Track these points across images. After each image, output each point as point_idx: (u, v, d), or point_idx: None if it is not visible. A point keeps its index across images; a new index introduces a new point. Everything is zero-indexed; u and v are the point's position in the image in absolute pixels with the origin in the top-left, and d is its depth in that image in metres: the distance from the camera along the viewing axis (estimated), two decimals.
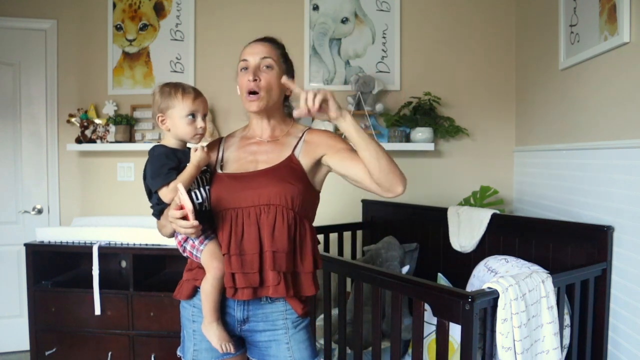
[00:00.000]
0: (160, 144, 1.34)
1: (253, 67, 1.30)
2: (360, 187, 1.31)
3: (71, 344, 2.53)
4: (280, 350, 1.31)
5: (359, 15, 2.94)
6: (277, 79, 1.31)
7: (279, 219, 1.24)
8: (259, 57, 1.30)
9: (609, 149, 1.84)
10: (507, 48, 2.90)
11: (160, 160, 1.27)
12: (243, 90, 1.31)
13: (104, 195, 3.04)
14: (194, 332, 1.36)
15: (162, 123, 1.34)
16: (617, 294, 1.75)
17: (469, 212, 2.29)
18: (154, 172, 1.27)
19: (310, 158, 1.32)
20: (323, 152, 1.32)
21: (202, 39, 3.01)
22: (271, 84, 1.30)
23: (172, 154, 1.30)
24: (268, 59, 1.31)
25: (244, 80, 1.30)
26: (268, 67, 1.31)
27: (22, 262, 2.75)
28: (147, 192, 1.34)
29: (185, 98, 1.30)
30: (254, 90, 1.28)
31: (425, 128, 2.77)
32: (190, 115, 1.30)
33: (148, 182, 1.30)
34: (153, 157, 1.30)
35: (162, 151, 1.30)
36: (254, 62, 1.30)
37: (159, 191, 1.27)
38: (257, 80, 1.29)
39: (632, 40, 1.71)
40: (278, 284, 1.24)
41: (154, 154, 1.30)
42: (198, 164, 1.26)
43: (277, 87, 1.32)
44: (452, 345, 1.66)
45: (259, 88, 1.29)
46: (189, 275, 1.37)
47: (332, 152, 1.31)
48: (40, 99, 3.00)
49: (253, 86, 1.28)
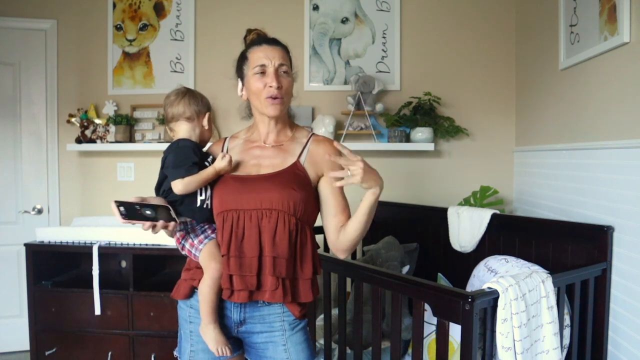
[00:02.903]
0: (186, 139, 1.36)
1: (273, 72, 1.30)
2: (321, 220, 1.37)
3: (71, 344, 2.53)
4: (277, 352, 1.31)
5: (359, 15, 2.94)
6: (292, 85, 1.35)
7: (280, 225, 1.24)
8: (277, 63, 1.30)
9: (609, 149, 1.84)
10: (507, 48, 2.90)
11: (187, 152, 1.30)
12: (262, 94, 1.30)
13: (104, 195, 3.04)
14: (191, 333, 1.36)
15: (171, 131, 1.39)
16: (617, 294, 1.75)
17: (469, 212, 2.29)
18: (178, 161, 1.29)
19: (314, 172, 1.33)
20: (324, 171, 1.34)
21: (202, 39, 3.01)
22: (289, 89, 1.34)
23: (198, 149, 1.33)
24: (285, 66, 1.32)
25: (262, 85, 1.30)
26: (285, 72, 1.32)
27: (22, 262, 2.75)
28: (160, 181, 1.35)
29: None
30: (278, 96, 1.29)
31: (425, 128, 2.77)
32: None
33: (168, 170, 1.30)
34: (179, 148, 1.32)
35: (190, 144, 1.33)
36: (272, 68, 1.30)
37: (174, 181, 1.28)
38: (281, 87, 1.30)
39: (632, 40, 1.71)
40: (276, 289, 1.24)
41: (180, 145, 1.33)
42: (220, 170, 1.30)
43: (291, 92, 1.36)
44: (452, 345, 1.66)
45: (282, 94, 1.30)
46: (186, 275, 1.37)
47: (328, 177, 1.33)
48: (40, 99, 3.00)
49: (277, 93, 1.29)
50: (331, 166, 1.32)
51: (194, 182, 1.27)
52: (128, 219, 1.17)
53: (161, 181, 1.34)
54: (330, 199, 1.34)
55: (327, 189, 1.34)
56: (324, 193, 1.34)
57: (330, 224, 1.34)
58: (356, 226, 1.27)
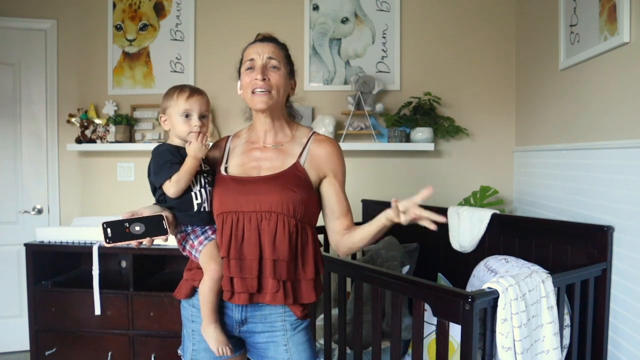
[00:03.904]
0: (164, 143, 1.35)
1: (260, 66, 1.28)
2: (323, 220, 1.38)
3: (71, 344, 2.53)
4: (278, 352, 1.31)
5: (359, 15, 2.94)
6: (283, 79, 1.31)
7: (280, 227, 1.24)
8: (266, 57, 1.29)
9: (609, 149, 1.84)
10: (507, 48, 2.90)
11: (164, 156, 1.29)
12: (248, 88, 1.29)
13: (104, 195, 3.04)
14: (193, 332, 1.36)
15: (164, 123, 1.36)
16: (617, 294, 1.75)
17: (469, 212, 2.29)
18: (157, 168, 1.29)
19: (315, 173, 1.32)
20: (325, 173, 1.33)
21: (202, 39, 3.01)
22: (279, 83, 1.30)
23: (176, 151, 1.31)
24: (274, 60, 1.30)
25: (249, 79, 1.29)
26: (274, 67, 1.30)
27: (22, 262, 2.75)
28: (152, 189, 1.35)
29: (180, 97, 1.32)
30: (263, 88, 1.27)
31: (425, 128, 2.77)
32: (184, 115, 1.31)
33: (152, 178, 1.31)
34: (157, 155, 1.31)
35: (166, 148, 1.32)
36: (260, 62, 1.29)
37: (162, 186, 1.27)
38: (266, 79, 1.27)
39: (632, 40, 1.71)
40: (276, 292, 1.24)
41: (158, 151, 1.31)
42: (195, 155, 1.27)
43: (283, 87, 1.31)
44: (452, 345, 1.66)
45: (270, 87, 1.27)
46: (188, 275, 1.38)
47: (330, 179, 1.34)
48: (40, 99, 3.00)
49: (262, 85, 1.27)
50: (333, 168, 1.32)
51: (181, 177, 1.26)
52: (113, 242, 1.15)
53: (154, 190, 1.34)
54: (333, 202, 1.34)
55: (330, 191, 1.33)
56: (326, 195, 1.34)
57: (334, 226, 1.34)
58: (365, 236, 1.27)
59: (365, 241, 1.28)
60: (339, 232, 1.34)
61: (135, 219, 1.19)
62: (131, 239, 1.17)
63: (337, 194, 1.34)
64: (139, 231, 1.18)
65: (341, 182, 1.36)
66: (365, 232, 1.27)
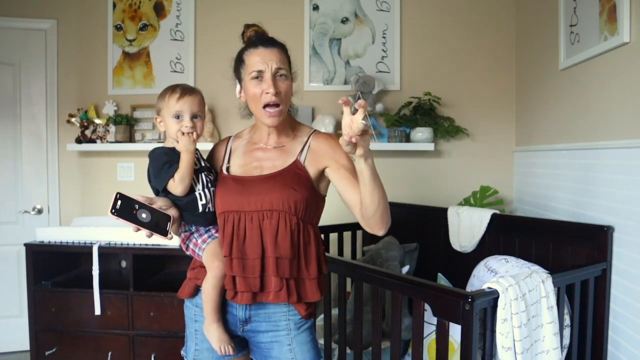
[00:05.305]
0: (158, 147, 1.35)
1: (271, 78, 1.25)
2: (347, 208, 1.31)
3: (71, 344, 2.53)
4: (282, 352, 1.31)
5: (359, 15, 2.94)
6: (290, 87, 1.30)
7: (281, 225, 1.23)
8: (275, 67, 1.26)
9: (609, 149, 1.84)
10: (507, 48, 2.90)
11: (160, 159, 1.29)
12: (259, 102, 1.26)
13: (104, 195, 3.04)
14: (196, 332, 1.37)
15: (160, 124, 1.35)
16: (617, 294, 1.75)
17: (469, 212, 2.29)
18: (156, 171, 1.29)
19: (315, 167, 1.30)
20: (326, 164, 1.30)
21: (202, 39, 3.01)
22: (288, 93, 1.29)
23: (172, 152, 1.30)
24: (282, 69, 1.27)
25: (259, 91, 1.25)
26: (283, 76, 1.28)
27: (22, 262, 2.76)
28: (155, 194, 1.34)
29: (171, 99, 1.30)
30: (276, 102, 1.24)
31: (425, 128, 2.77)
32: (176, 116, 1.30)
33: (153, 182, 1.31)
34: (153, 159, 1.31)
35: (161, 151, 1.31)
36: (269, 73, 1.25)
37: (167, 187, 1.27)
38: (279, 92, 1.25)
39: (632, 40, 1.71)
40: (280, 290, 1.23)
41: (153, 155, 1.31)
42: (187, 149, 1.27)
43: (290, 95, 1.31)
44: (452, 345, 1.66)
45: (281, 100, 1.26)
46: (191, 274, 1.38)
47: (334, 166, 1.29)
48: (40, 99, 3.00)
49: (276, 99, 1.24)
50: (335, 157, 1.29)
51: (183, 174, 1.26)
52: (117, 215, 1.13)
53: (156, 192, 1.34)
54: (344, 180, 1.27)
55: (337, 173, 1.29)
56: (337, 184, 1.30)
57: (355, 205, 1.26)
58: (366, 194, 1.18)
59: (368, 197, 1.18)
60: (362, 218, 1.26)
61: (146, 206, 1.18)
62: (133, 222, 1.15)
63: (347, 177, 1.26)
64: (144, 219, 1.17)
65: (347, 168, 1.27)
66: (365, 194, 1.18)
